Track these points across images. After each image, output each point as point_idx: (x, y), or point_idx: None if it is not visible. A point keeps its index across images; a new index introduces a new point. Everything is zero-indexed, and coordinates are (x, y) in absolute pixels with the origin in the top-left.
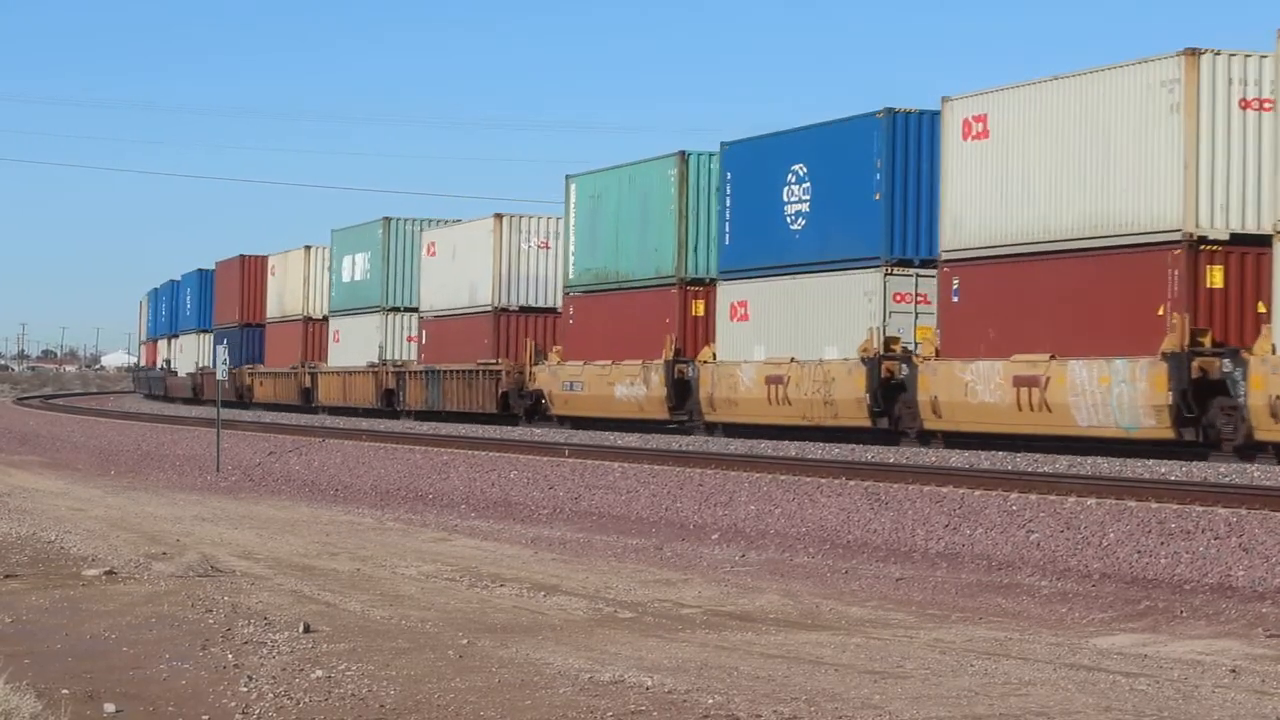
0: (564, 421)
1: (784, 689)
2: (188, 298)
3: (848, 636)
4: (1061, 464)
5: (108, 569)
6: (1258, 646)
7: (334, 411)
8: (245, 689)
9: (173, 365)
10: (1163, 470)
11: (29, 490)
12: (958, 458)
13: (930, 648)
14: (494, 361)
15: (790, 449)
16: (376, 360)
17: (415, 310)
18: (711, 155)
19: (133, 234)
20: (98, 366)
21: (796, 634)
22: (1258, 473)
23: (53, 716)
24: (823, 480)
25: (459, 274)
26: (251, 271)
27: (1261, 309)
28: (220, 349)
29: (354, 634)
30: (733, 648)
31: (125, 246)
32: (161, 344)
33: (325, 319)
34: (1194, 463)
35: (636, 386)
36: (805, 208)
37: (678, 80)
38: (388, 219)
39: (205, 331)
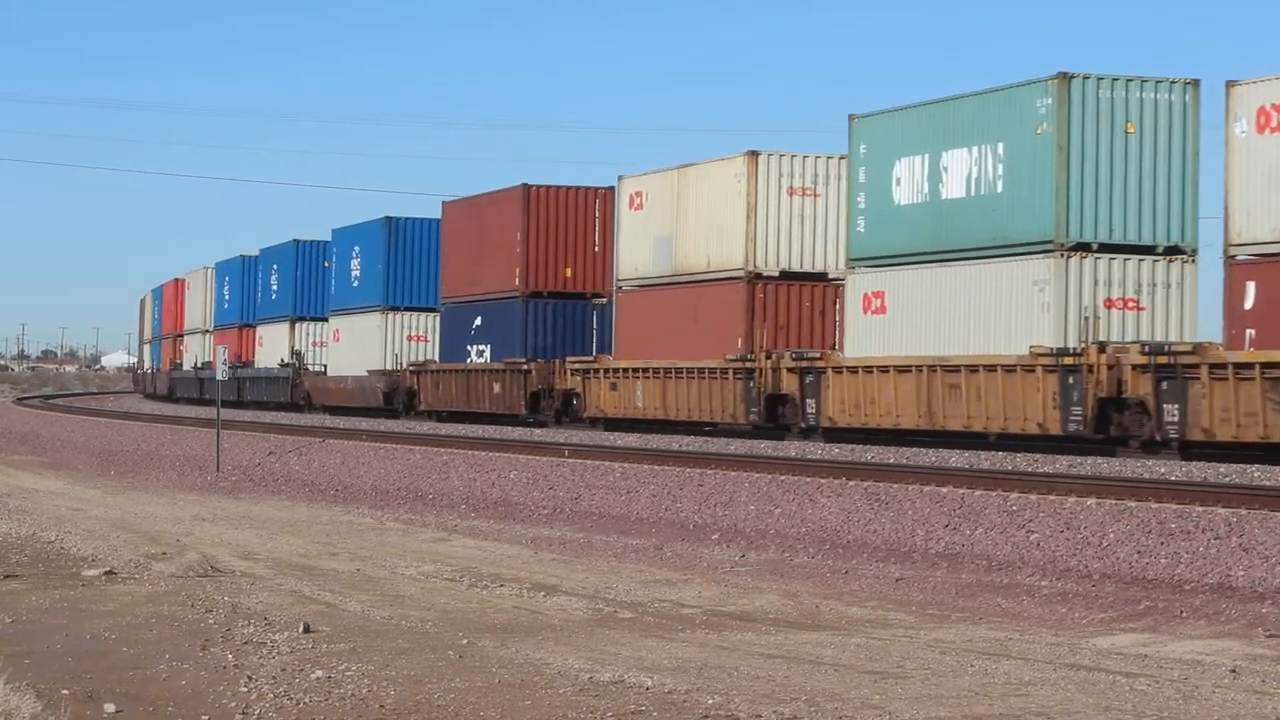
0: None
1: (784, 689)
2: (353, 262)
3: (848, 636)
4: (1061, 464)
5: (108, 569)
6: (1258, 646)
7: (886, 436)
8: (245, 689)
9: (312, 360)
10: (1163, 470)
11: (29, 490)
12: (957, 458)
13: (930, 648)
14: None
15: (790, 449)
16: (1071, 345)
17: (1164, 251)
18: None
19: (133, 234)
20: (98, 366)
21: (796, 634)
22: (1258, 473)
23: (53, 716)
24: (823, 480)
25: None
26: (554, 208)
27: None
28: (221, 349)
29: (354, 634)
30: (733, 648)
31: (125, 246)
32: (265, 331)
33: (807, 277)
34: (1194, 463)
35: None
36: None
37: (680, 79)
38: (1065, 74)
39: (405, 310)
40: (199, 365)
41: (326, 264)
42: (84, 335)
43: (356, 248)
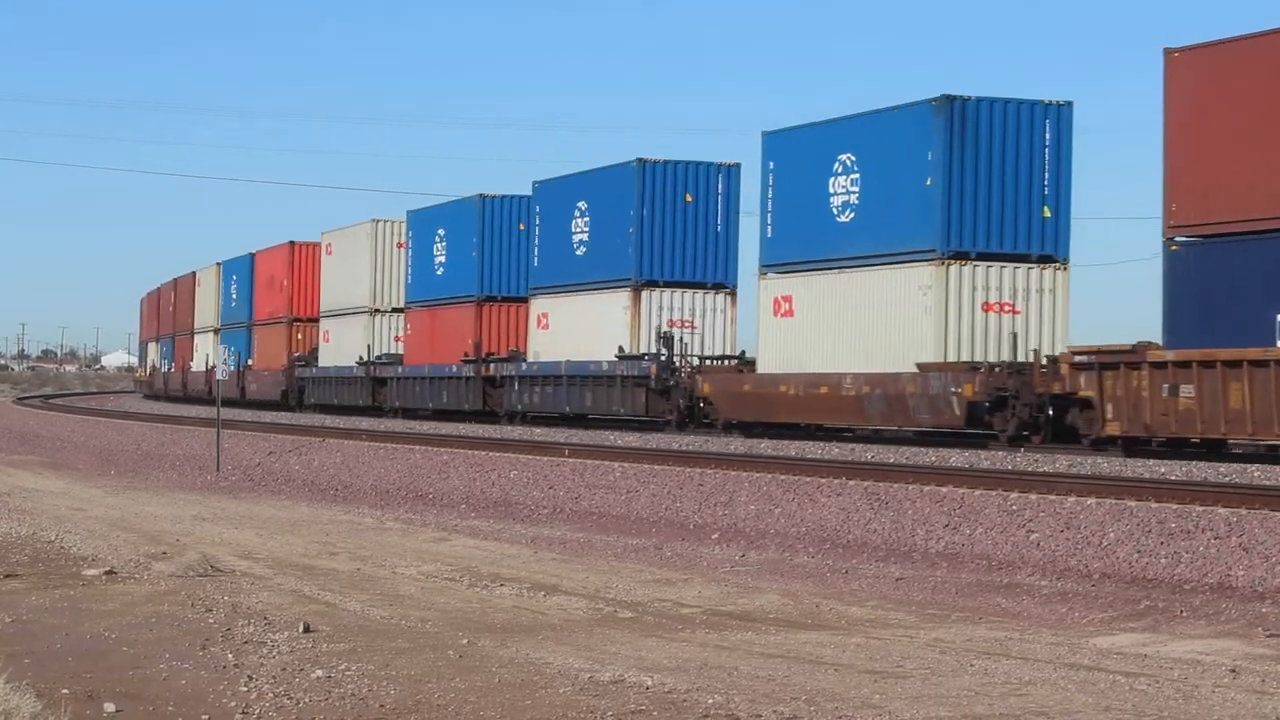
0: None
1: (784, 689)
2: (835, 182)
3: (848, 636)
4: (1061, 464)
5: (108, 569)
6: (1258, 646)
7: None
8: (245, 689)
9: (693, 348)
10: (1163, 470)
11: (29, 490)
12: (957, 457)
13: (930, 647)
14: None
15: (790, 449)
16: None
17: None
18: None
19: (133, 234)
20: (98, 366)
21: (796, 634)
22: (1258, 472)
23: (53, 716)
24: (823, 480)
25: None
26: None
27: None
28: (222, 347)
29: (354, 634)
30: (733, 647)
31: (125, 246)
32: (555, 305)
33: None
34: (1194, 462)
35: None
36: None
37: (670, 79)
38: None
39: (980, 259)
40: (371, 358)
41: (689, 198)
42: (84, 335)
43: (846, 157)
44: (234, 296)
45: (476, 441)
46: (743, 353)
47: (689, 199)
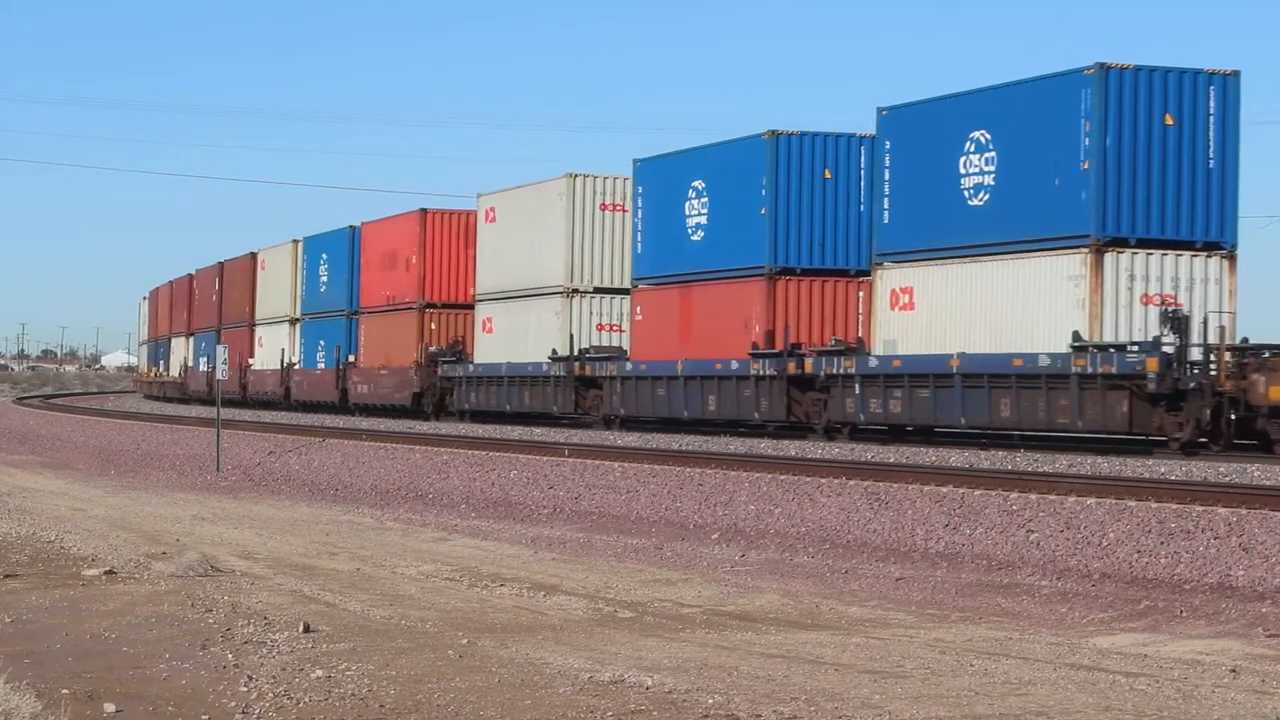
0: None
1: (784, 689)
2: None
3: (847, 636)
4: (1061, 464)
5: (108, 569)
6: (1258, 646)
7: None
8: (245, 689)
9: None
10: (1163, 470)
11: (29, 490)
12: (957, 457)
13: (930, 647)
14: None
15: (790, 449)
16: None
17: None
18: None
19: (133, 234)
20: (98, 366)
21: (796, 634)
22: (1258, 472)
23: (53, 716)
24: (823, 480)
25: None
26: None
27: None
28: (221, 348)
29: (354, 634)
30: (733, 647)
31: (125, 246)
32: (953, 267)
33: None
34: (1194, 462)
35: None
36: None
37: (657, 79)
38: None
39: None
40: (575, 352)
41: (1169, 120)
42: (84, 335)
43: None
44: (323, 279)
45: (476, 441)
46: (1245, 339)
47: (1169, 121)
